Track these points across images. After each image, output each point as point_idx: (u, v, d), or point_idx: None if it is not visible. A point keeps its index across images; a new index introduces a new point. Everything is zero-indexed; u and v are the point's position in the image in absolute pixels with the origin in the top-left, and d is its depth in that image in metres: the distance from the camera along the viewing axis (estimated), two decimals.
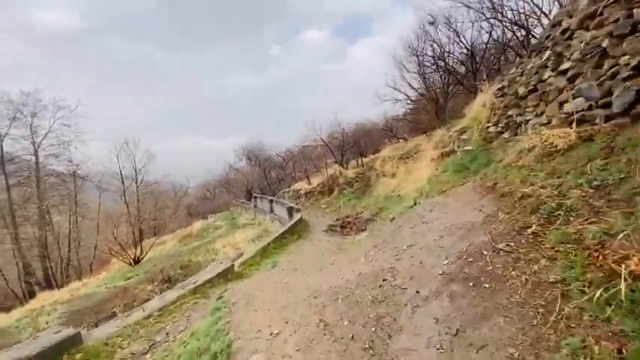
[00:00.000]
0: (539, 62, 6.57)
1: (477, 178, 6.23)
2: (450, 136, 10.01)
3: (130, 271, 16.96)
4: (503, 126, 7.81)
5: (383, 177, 16.82)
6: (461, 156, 8.38)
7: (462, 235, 4.24)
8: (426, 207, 6.05)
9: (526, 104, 6.72)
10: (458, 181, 6.99)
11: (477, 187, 5.70)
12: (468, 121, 9.69)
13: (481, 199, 5.08)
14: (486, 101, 8.83)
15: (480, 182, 5.86)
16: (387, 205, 13.04)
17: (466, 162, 7.80)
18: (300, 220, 14.72)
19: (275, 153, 37.07)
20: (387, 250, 5.04)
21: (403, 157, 15.47)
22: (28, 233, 25.08)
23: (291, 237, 12.25)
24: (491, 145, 8.02)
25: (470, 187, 6.00)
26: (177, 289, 7.14)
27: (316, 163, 27.76)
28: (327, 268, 6.15)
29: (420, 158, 12.33)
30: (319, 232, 13.45)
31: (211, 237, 20.65)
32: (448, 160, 9.01)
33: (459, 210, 5.11)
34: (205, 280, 7.23)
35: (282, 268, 7.56)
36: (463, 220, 4.62)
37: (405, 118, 19.83)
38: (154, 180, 33.73)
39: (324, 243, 11.40)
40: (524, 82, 7.06)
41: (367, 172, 19.46)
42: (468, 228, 4.33)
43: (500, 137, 7.81)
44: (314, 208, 20.72)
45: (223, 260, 14.93)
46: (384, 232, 6.16)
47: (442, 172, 8.45)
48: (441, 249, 4.16)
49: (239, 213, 26.93)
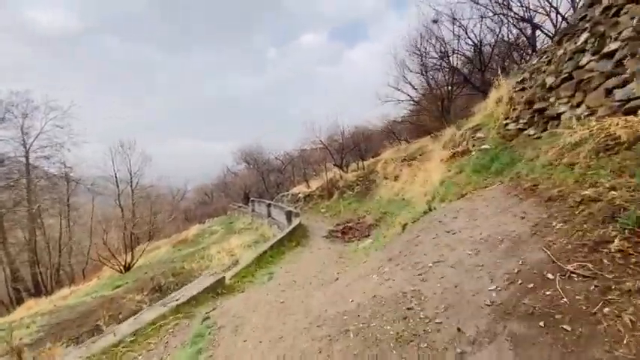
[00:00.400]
0: (572, 47, 5.66)
1: (506, 180, 5.28)
2: (462, 135, 9.09)
3: (120, 279, 15.85)
4: (525, 122, 6.89)
5: (385, 180, 15.88)
6: (477, 155, 7.45)
7: (506, 250, 3.27)
8: (446, 213, 5.08)
9: (557, 95, 5.79)
10: (479, 182, 6.03)
11: (509, 189, 4.74)
12: (482, 119, 8.77)
13: (519, 203, 4.13)
14: (503, 96, 7.92)
15: (511, 184, 4.90)
16: (392, 210, 12.09)
17: (485, 162, 6.86)
18: (299, 226, 13.71)
19: (274, 156, 36.12)
20: (405, 265, 4.06)
21: (407, 160, 14.54)
22: (19, 237, 23.92)
23: (290, 243, 11.25)
24: (511, 142, 7.09)
25: (499, 189, 5.04)
26: (157, 306, 6.13)
27: (315, 166, 26.82)
28: (331, 285, 5.15)
29: (427, 160, 11.40)
30: (319, 238, 12.46)
31: (206, 242, 19.59)
32: (462, 160, 8.07)
33: (492, 217, 4.14)
34: (191, 295, 6.22)
35: (279, 282, 6.55)
36: (503, 230, 3.65)
37: (407, 119, 18.93)
38: (149, 183, 32.61)
39: (325, 251, 10.41)
40: (552, 71, 6.15)
41: (368, 175, 18.52)
42: (513, 240, 3.37)
43: (523, 134, 6.87)
44: (313, 212, 19.73)
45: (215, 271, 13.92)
46: (396, 242, 5.18)
47: (456, 174, 7.50)
48: (481, 268, 3.19)
49: (236, 217, 25.88)
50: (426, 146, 13.19)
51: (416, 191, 10.37)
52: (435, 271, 3.58)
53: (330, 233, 12.80)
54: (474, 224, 4.21)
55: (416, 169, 12.27)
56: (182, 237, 22.96)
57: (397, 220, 9.37)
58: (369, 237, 11.08)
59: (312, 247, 11.01)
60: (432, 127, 15.59)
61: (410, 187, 11.96)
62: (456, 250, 3.79)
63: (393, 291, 3.61)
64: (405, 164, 14.32)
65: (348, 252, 9.69)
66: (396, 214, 10.74)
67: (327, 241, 11.73)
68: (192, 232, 24.35)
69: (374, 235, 10.91)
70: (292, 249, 10.75)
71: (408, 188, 12.40)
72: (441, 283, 3.30)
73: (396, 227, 8.42)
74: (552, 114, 5.85)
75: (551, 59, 6.44)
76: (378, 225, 11.82)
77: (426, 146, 13.17)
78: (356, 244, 10.54)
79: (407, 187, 12.71)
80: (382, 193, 15.12)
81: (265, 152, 36.24)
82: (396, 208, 11.82)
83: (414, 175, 11.74)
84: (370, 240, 10.35)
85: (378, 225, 11.73)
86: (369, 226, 12.30)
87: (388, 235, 8.88)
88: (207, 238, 21.19)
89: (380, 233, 10.53)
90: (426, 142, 14.05)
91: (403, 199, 12.20)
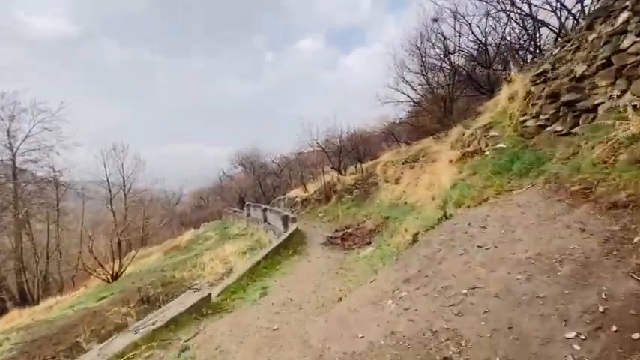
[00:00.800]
0: (609, 30, 4.86)
1: (538, 181, 4.44)
2: (472, 135, 8.26)
3: (106, 289, 14.78)
4: (548, 117, 6.07)
5: (385, 183, 15.02)
6: (492, 156, 6.62)
7: (572, 275, 2.40)
8: (470, 221, 4.22)
9: (592, 85, 4.98)
10: (502, 185, 5.19)
11: (548, 192, 3.90)
12: (493, 117, 7.96)
13: (569, 211, 3.27)
14: (518, 91, 7.11)
15: (548, 186, 4.06)
16: (394, 215, 11.21)
17: (503, 162, 6.03)
18: (296, 232, 12.80)
19: (270, 160, 35.16)
20: (430, 290, 3.17)
21: (408, 162, 13.70)
22: (5, 244, 22.68)
23: (285, 252, 10.32)
24: (531, 140, 6.27)
25: (532, 193, 4.19)
26: (129, 332, 5.17)
27: (312, 169, 25.93)
28: (333, 308, 4.25)
29: (432, 161, 10.56)
30: (317, 245, 11.53)
31: (200, 249, 18.57)
32: (473, 161, 7.24)
33: (535, 228, 3.29)
34: (171, 317, 5.27)
35: (273, 301, 5.61)
36: (558, 247, 2.79)
37: (407, 121, 18.14)
38: (143, 187, 31.48)
39: (324, 260, 9.49)
40: (583, 58, 5.34)
41: (367, 178, 17.66)
42: (579, 261, 2.50)
43: (545, 131, 6.06)
44: (310, 216, 18.79)
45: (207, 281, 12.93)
46: (411, 256, 4.30)
47: (470, 175, 6.65)
48: (542, 301, 2.31)
49: (231, 222, 24.85)
50: (428, 147, 12.36)
51: (421, 195, 9.52)
52: (472, 302, 2.69)
53: (329, 240, 11.88)
54: (512, 237, 3.34)
55: (419, 171, 11.43)
56: (175, 243, 21.88)
57: (402, 226, 8.51)
58: (370, 244, 10.18)
59: (310, 256, 10.10)
60: (433, 127, 14.80)
61: (413, 191, 11.10)
62: (496, 271, 2.91)
63: (418, 327, 2.72)
64: (407, 167, 13.47)
65: (348, 261, 8.79)
66: (400, 220, 9.87)
67: (326, 249, 10.81)
68: (185, 237, 23.27)
69: (376, 242, 10.02)
70: (288, 258, 9.82)
71: (410, 192, 11.54)
72: (487, 321, 2.41)
73: (403, 235, 7.54)
74: (586, 106, 5.02)
75: (579, 46, 5.64)
76: (379, 231, 10.92)
77: (429, 147, 12.35)
78: (357, 252, 9.64)
79: (409, 190, 11.85)
80: (382, 197, 14.25)
81: (262, 155, 35.34)
82: (399, 213, 10.95)
83: (418, 178, 10.89)
84: (372, 248, 9.45)
85: (380, 231, 10.84)
86: (369, 232, 11.40)
87: (393, 244, 8.00)
88: (201, 244, 20.15)
89: (382, 240, 9.65)
90: (428, 144, 13.24)
91: (406, 204, 11.32)
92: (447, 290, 2.99)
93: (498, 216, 3.94)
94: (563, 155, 4.70)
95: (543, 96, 6.31)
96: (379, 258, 7.96)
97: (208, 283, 12.97)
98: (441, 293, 3.00)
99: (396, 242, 7.83)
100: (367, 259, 8.43)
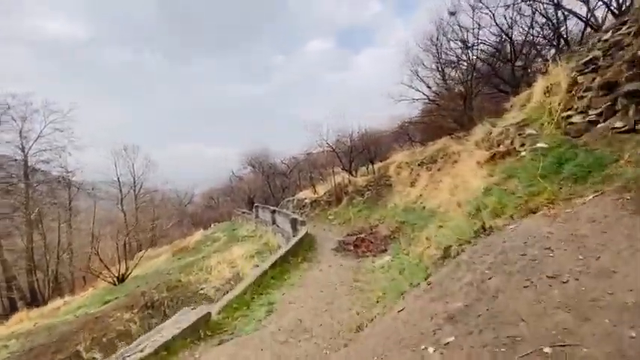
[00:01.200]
0: None
1: (608, 189, 3.51)
2: (502, 133, 7.30)
3: (111, 293, 14.24)
4: (601, 112, 5.11)
5: (400, 185, 14.08)
6: (532, 157, 5.67)
7: None
8: (524, 239, 3.32)
9: None
10: (554, 192, 4.26)
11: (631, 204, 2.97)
12: (528, 112, 6.99)
13: None
14: (561, 83, 6.14)
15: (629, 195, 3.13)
16: (411, 220, 10.28)
17: (549, 164, 5.08)
18: (306, 236, 11.99)
19: (279, 160, 34.46)
20: (488, 338, 2.30)
21: (425, 163, 12.75)
22: (18, 244, 22.53)
23: (295, 259, 9.51)
24: (579, 139, 5.31)
25: (605, 203, 3.28)
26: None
27: (322, 170, 25.10)
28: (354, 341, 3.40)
29: (454, 162, 9.61)
30: (328, 250, 10.69)
31: (207, 251, 17.93)
32: (507, 162, 6.29)
33: (632, 255, 2.39)
34: (163, 342, 4.51)
35: (280, 325, 4.78)
36: None
37: (421, 120, 17.12)
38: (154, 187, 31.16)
39: (336, 269, 8.64)
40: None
41: (379, 180, 16.73)
42: None
43: (598, 127, 5.09)
44: (320, 219, 17.97)
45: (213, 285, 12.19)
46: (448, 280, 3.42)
47: (505, 180, 5.72)
48: None
49: (240, 224, 24.21)
50: (447, 147, 11.38)
51: (443, 199, 8.58)
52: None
53: (341, 245, 11.02)
54: (598, 266, 2.44)
55: (438, 173, 10.48)
56: (183, 244, 21.32)
57: (423, 234, 7.60)
58: (385, 252, 9.30)
59: (321, 263, 9.27)
60: (450, 127, 13.80)
61: (432, 194, 10.15)
62: (591, 320, 2.03)
63: None
64: (423, 168, 12.53)
65: (363, 272, 7.93)
66: (419, 226, 8.96)
67: (338, 256, 9.97)
68: (194, 238, 22.71)
69: (392, 249, 9.13)
70: (297, 266, 9.02)
71: (429, 195, 10.60)
72: None
73: (425, 245, 6.64)
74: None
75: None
76: (395, 237, 10.02)
77: (448, 147, 11.37)
78: (371, 261, 8.78)
79: (427, 193, 10.90)
80: (396, 199, 13.32)
81: (271, 156, 34.68)
82: (416, 218, 10.02)
83: (438, 181, 9.95)
84: (388, 257, 8.57)
85: (396, 237, 9.94)
86: (384, 238, 10.51)
87: (414, 254, 7.10)
88: (209, 246, 19.54)
89: (399, 248, 8.76)
90: (445, 143, 12.25)
91: (424, 208, 10.39)
92: (519, 344, 2.11)
93: (566, 234, 3.04)
94: (633, 157, 3.76)
95: (594, 87, 5.34)
96: (397, 270, 7.08)
97: (214, 288, 12.31)
98: (510, 348, 2.12)
99: (417, 253, 6.93)
100: (384, 271, 7.55)
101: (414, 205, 11.42)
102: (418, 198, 11.51)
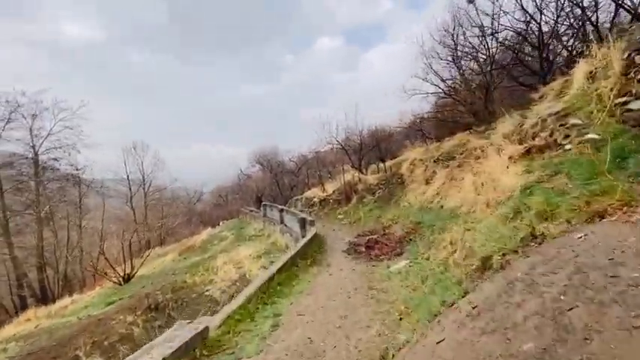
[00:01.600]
0: None
1: None
2: (537, 124, 6.40)
3: (116, 293, 13.76)
4: None
5: (413, 184, 13.20)
6: (580, 150, 4.78)
7: None
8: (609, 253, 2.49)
9: None
10: (625, 191, 3.38)
11: None
12: (570, 100, 6.07)
13: None
14: (614, 64, 5.22)
15: None
16: (428, 220, 9.42)
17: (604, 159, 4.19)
18: (315, 237, 11.26)
19: (288, 158, 33.80)
20: None
21: (441, 160, 11.85)
22: (28, 241, 22.39)
23: (303, 262, 8.78)
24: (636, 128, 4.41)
25: None
26: None
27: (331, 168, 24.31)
28: None
29: (476, 158, 8.70)
30: (338, 253, 9.92)
31: (214, 250, 17.37)
32: (548, 157, 5.41)
33: None
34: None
35: (287, 344, 4.04)
36: None
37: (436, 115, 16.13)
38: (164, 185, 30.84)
39: (348, 273, 7.86)
40: None
41: (391, 177, 15.86)
42: None
43: None
44: (329, 218, 17.20)
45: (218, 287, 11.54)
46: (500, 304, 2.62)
47: (550, 177, 4.83)
48: None
49: (247, 222, 23.62)
50: (466, 142, 10.47)
51: (465, 198, 7.71)
52: None
53: (352, 247, 10.23)
54: None
55: (458, 170, 9.58)
56: (190, 243, 20.83)
57: (446, 237, 6.75)
58: (401, 255, 8.47)
59: (332, 267, 8.51)
60: (467, 121, 12.85)
61: (451, 193, 9.28)
62: None
63: None
64: (440, 165, 11.62)
65: (378, 278, 7.12)
66: (438, 227, 8.10)
67: (349, 258, 9.19)
68: (201, 237, 22.20)
69: (409, 253, 8.30)
70: (306, 270, 8.28)
71: (447, 194, 9.71)
72: None
73: (449, 250, 5.82)
74: None
75: None
76: (411, 239, 9.18)
77: (467, 142, 10.45)
78: (386, 265, 7.96)
79: (445, 192, 10.02)
80: (410, 198, 12.45)
81: (280, 154, 34.04)
82: (434, 218, 9.17)
83: (459, 178, 9.05)
84: (405, 261, 7.73)
85: (412, 239, 9.10)
86: (399, 240, 9.67)
87: (436, 260, 6.26)
88: (216, 245, 18.98)
89: (417, 252, 7.92)
90: (464, 138, 11.33)
91: (442, 207, 9.53)
92: None
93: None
94: None
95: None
96: (418, 278, 6.25)
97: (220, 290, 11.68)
98: None
99: (440, 258, 6.10)
100: (402, 277, 6.72)
101: (431, 204, 10.55)
102: (435, 197, 10.62)
